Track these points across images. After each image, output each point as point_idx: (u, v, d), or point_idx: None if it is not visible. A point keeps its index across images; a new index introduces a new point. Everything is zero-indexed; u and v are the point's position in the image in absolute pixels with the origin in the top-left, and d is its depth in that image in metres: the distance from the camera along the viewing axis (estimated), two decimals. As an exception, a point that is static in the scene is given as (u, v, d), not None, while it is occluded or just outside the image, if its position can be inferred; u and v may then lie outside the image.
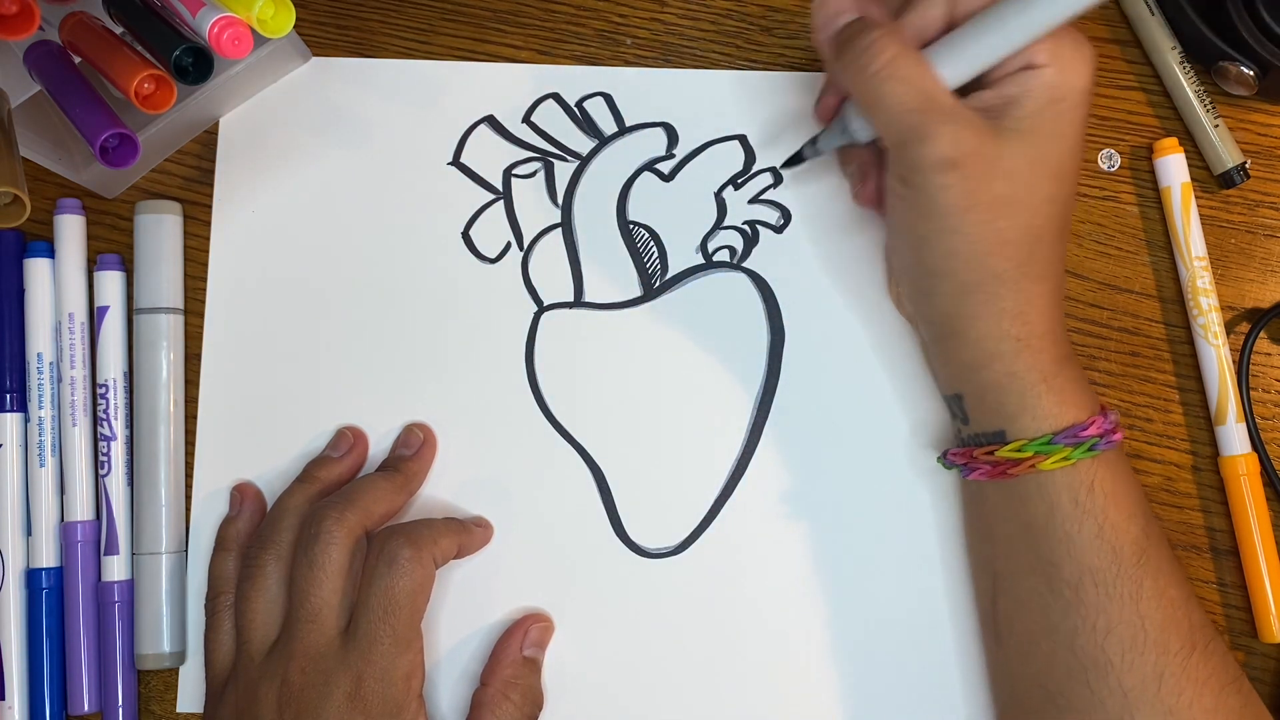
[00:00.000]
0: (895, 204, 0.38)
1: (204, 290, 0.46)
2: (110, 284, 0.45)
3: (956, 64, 0.36)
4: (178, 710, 0.44)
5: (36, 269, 0.45)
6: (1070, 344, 0.38)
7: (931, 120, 0.35)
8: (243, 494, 0.44)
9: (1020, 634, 0.39)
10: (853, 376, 0.45)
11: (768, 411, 0.45)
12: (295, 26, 0.38)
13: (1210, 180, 0.46)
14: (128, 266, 0.46)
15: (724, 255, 0.46)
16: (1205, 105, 0.45)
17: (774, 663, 0.44)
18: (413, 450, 0.44)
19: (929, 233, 0.37)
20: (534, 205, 0.46)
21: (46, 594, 0.44)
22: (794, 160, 0.43)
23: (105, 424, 0.44)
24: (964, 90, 0.37)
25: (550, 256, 0.46)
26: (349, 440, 0.44)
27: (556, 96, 0.47)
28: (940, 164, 0.35)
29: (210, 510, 0.45)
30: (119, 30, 0.40)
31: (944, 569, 0.44)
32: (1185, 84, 0.46)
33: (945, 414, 0.43)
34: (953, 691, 0.43)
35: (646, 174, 0.46)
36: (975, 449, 0.39)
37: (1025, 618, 0.38)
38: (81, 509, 0.44)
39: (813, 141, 0.42)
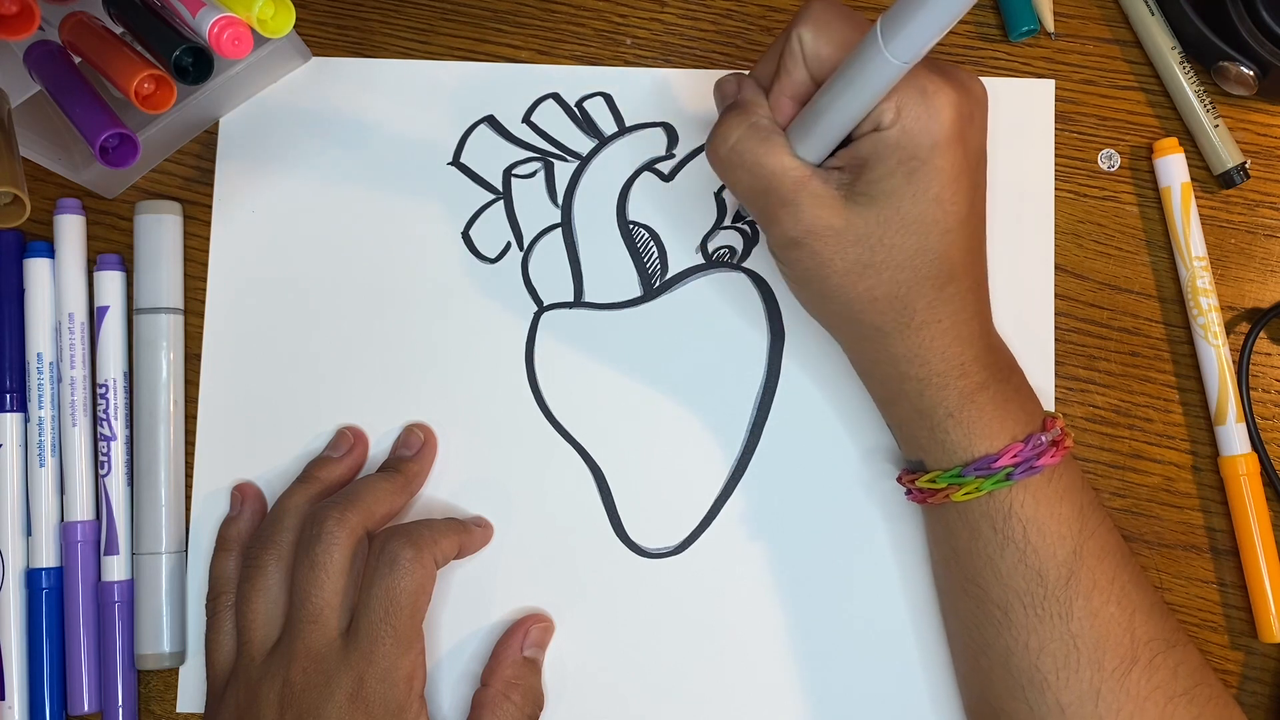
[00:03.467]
0: (779, 272, 0.40)
1: (204, 290, 0.46)
2: (110, 284, 0.45)
3: (808, 142, 0.36)
4: (178, 710, 0.44)
5: (36, 269, 0.45)
6: (991, 368, 0.38)
7: (772, 204, 0.36)
8: (243, 494, 0.44)
9: (963, 651, 0.40)
10: (852, 376, 0.45)
11: (768, 411, 0.45)
12: (295, 26, 0.38)
13: (1210, 180, 0.46)
14: (128, 266, 0.46)
15: (724, 255, 0.46)
16: (1205, 105, 0.45)
17: (772, 662, 0.44)
18: (413, 451, 0.44)
19: (806, 297, 0.39)
20: (534, 205, 0.46)
21: (46, 594, 0.44)
22: (740, 215, 0.46)
23: (105, 424, 0.44)
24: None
25: (550, 256, 0.46)
26: (349, 440, 0.44)
27: (556, 96, 0.47)
28: (785, 243, 0.37)
29: (210, 510, 0.45)
30: (119, 30, 0.40)
31: (944, 569, 0.44)
32: (1185, 84, 0.46)
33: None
34: (951, 683, 0.43)
35: (646, 174, 0.46)
36: (905, 475, 0.40)
37: (965, 636, 0.39)
38: (81, 509, 0.44)
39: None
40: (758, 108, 0.37)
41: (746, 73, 0.39)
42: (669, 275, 0.46)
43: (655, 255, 0.46)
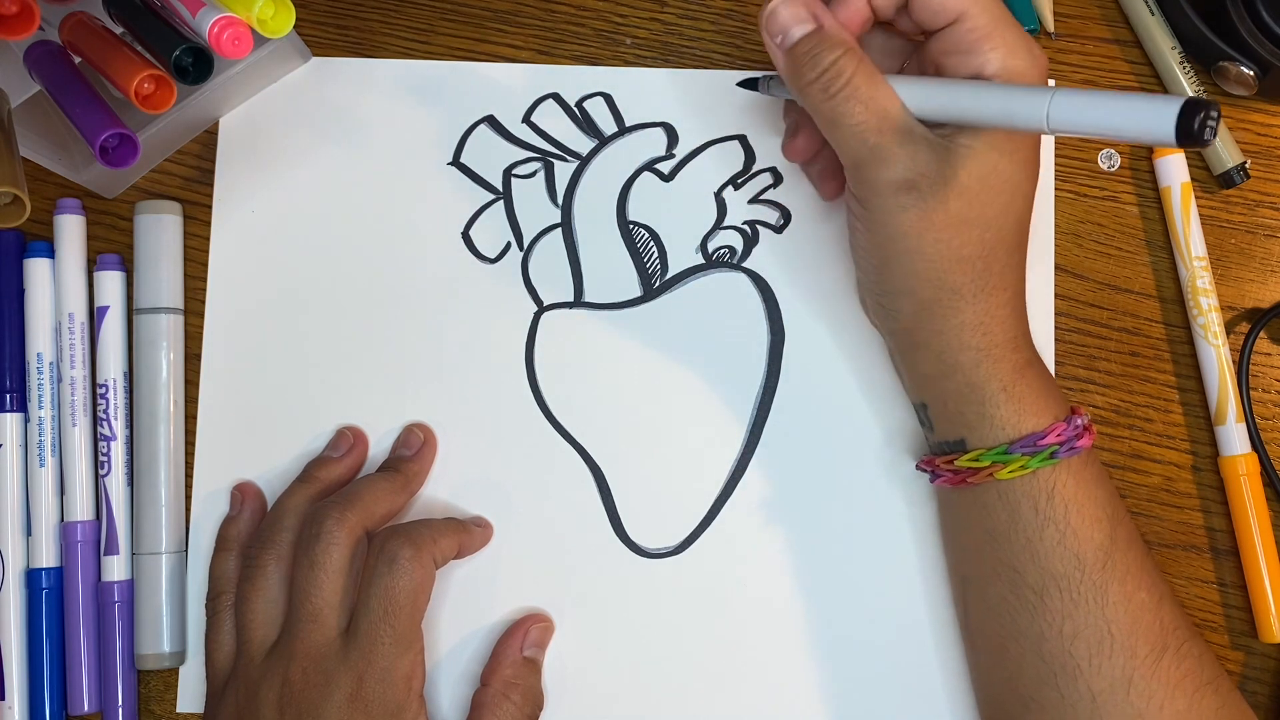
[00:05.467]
0: (855, 224, 0.38)
1: (204, 290, 0.46)
2: (110, 284, 0.45)
3: (919, 102, 0.36)
4: (178, 710, 0.44)
5: (36, 269, 0.45)
6: (1033, 348, 0.39)
7: (887, 142, 0.35)
8: (243, 494, 0.44)
9: (990, 638, 0.39)
10: (853, 376, 0.45)
11: (768, 411, 0.45)
12: (295, 26, 0.38)
13: (1210, 180, 0.46)
14: (128, 266, 0.46)
15: (724, 255, 0.46)
16: (1205, 105, 0.45)
17: (773, 662, 0.44)
18: (413, 450, 0.44)
19: (890, 254, 0.37)
20: (534, 205, 0.46)
21: (46, 594, 0.44)
22: (748, 84, 0.43)
23: (105, 424, 0.44)
24: None
25: (550, 256, 0.46)
26: (349, 440, 0.44)
27: (556, 96, 0.47)
28: (896, 186, 0.35)
29: (210, 510, 0.45)
30: (119, 30, 0.40)
31: (944, 569, 0.44)
32: (1185, 84, 0.46)
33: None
34: (951, 692, 0.43)
35: (646, 174, 0.46)
36: (938, 457, 0.40)
37: (994, 622, 0.39)
38: (81, 509, 0.44)
39: (769, 80, 0.42)
40: (854, 41, 0.36)
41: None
42: (669, 275, 0.46)
43: (655, 255, 0.46)
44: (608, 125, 0.47)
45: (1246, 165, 0.45)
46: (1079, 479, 0.37)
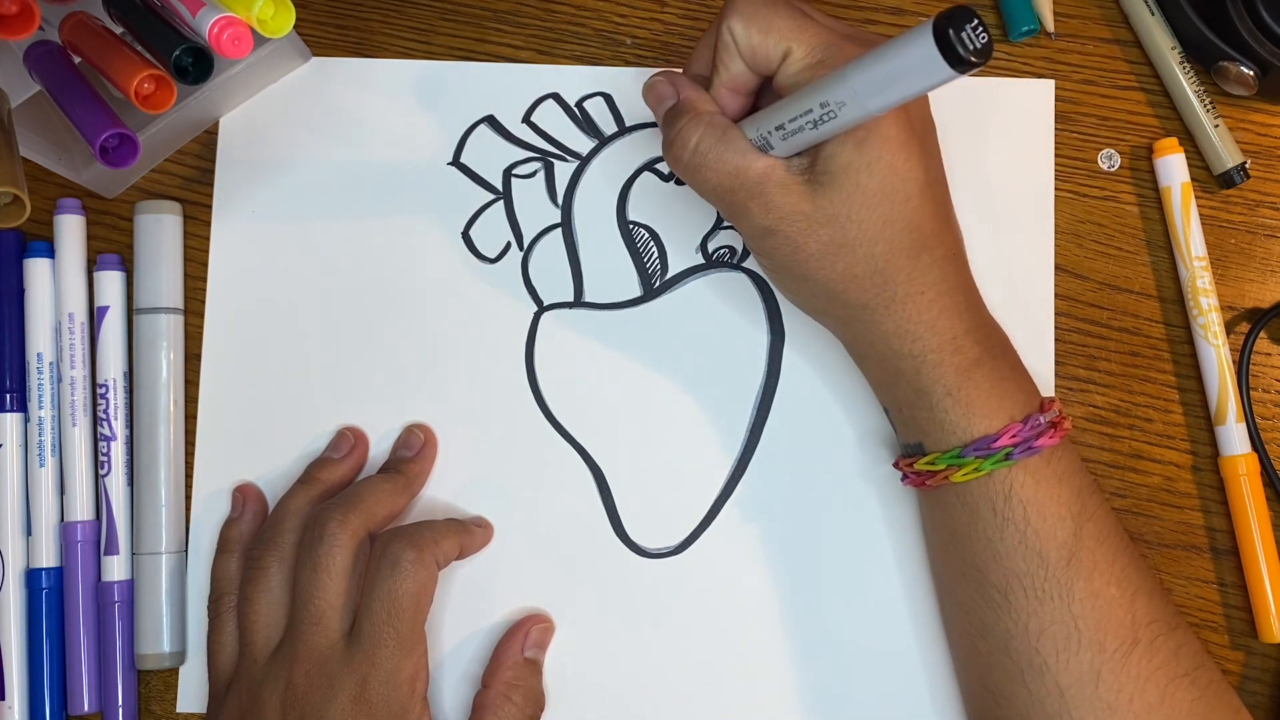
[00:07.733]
0: (758, 264, 0.40)
1: (204, 290, 0.46)
2: (110, 284, 0.45)
3: (780, 146, 0.36)
4: (178, 710, 0.44)
5: (36, 269, 0.45)
6: (985, 344, 0.38)
7: (739, 198, 0.37)
8: (245, 495, 0.44)
9: (962, 636, 0.40)
10: (853, 376, 0.45)
11: (768, 411, 0.45)
12: (295, 26, 0.38)
13: (1210, 180, 0.46)
14: (128, 266, 0.46)
15: (724, 255, 0.46)
16: (1205, 105, 0.45)
17: (774, 662, 0.44)
18: (414, 451, 0.44)
19: (785, 282, 0.39)
20: (534, 205, 0.46)
21: (46, 594, 0.44)
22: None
23: (105, 424, 0.44)
24: None
25: (550, 256, 0.46)
26: (350, 441, 0.44)
27: (556, 96, 0.47)
28: (758, 233, 0.37)
29: (210, 511, 0.45)
30: (119, 30, 0.40)
31: (944, 569, 0.44)
32: (1185, 84, 0.46)
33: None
34: (953, 692, 0.43)
35: (646, 174, 0.46)
36: (902, 459, 0.40)
37: (963, 620, 0.39)
38: (81, 509, 0.44)
39: None
40: (706, 104, 0.38)
41: (677, 70, 0.40)
42: (669, 275, 0.46)
43: (655, 255, 0.46)
44: (608, 125, 0.47)
45: (1246, 165, 0.45)
46: (1038, 478, 0.37)
